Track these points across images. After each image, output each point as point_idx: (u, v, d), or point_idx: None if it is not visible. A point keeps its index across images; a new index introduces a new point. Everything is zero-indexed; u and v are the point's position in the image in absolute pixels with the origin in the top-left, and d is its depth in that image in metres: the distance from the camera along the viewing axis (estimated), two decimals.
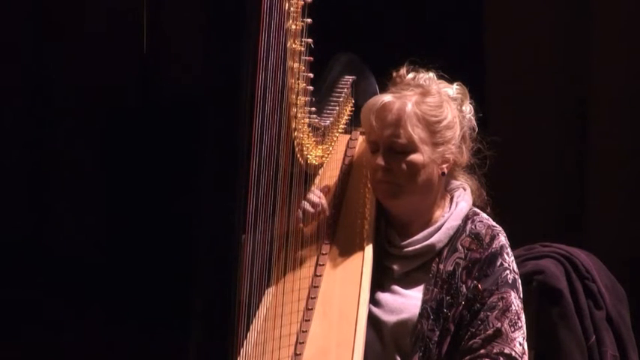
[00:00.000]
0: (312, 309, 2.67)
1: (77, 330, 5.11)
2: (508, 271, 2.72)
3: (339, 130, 2.95)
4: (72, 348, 4.98)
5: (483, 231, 2.77)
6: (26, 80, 5.66)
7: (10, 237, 5.61)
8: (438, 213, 2.81)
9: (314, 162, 2.83)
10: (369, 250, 2.74)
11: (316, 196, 2.79)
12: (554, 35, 4.79)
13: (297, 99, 2.66)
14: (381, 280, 2.75)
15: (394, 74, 2.84)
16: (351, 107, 2.97)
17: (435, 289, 2.71)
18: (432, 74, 2.82)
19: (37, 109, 5.69)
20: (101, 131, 5.66)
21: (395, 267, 2.76)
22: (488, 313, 2.67)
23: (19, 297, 5.34)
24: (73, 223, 5.68)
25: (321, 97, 2.83)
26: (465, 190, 2.84)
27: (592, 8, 4.71)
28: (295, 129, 2.68)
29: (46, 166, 5.69)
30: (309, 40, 2.63)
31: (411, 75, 2.81)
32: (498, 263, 2.72)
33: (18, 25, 5.60)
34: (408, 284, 2.75)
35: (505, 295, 2.69)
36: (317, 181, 2.89)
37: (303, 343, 2.61)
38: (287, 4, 2.52)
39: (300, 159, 2.74)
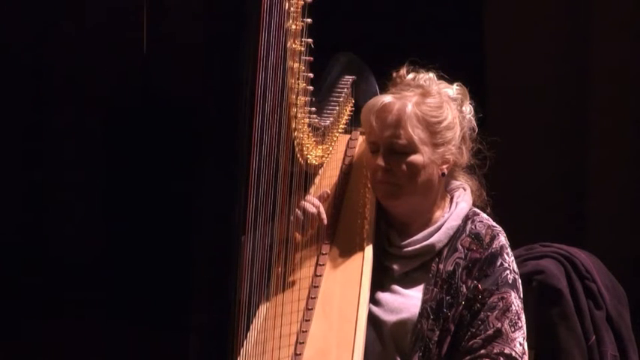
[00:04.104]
0: (312, 309, 2.67)
1: (77, 330, 5.11)
2: (508, 271, 2.72)
3: (339, 130, 2.95)
4: (72, 348, 4.98)
5: (483, 231, 2.77)
6: (26, 80, 5.65)
7: (9, 237, 5.60)
8: (438, 213, 2.81)
9: (314, 162, 2.83)
10: (369, 249, 2.74)
11: (314, 206, 2.76)
12: (554, 35, 4.79)
13: (297, 99, 2.66)
14: (381, 280, 2.75)
15: (394, 74, 2.84)
16: (351, 107, 2.97)
17: (435, 289, 2.71)
18: (432, 74, 2.82)
19: (37, 109, 5.69)
20: (101, 131, 5.66)
21: (395, 267, 2.76)
22: (489, 313, 2.67)
23: (19, 297, 5.34)
24: (73, 223, 5.68)
25: (321, 97, 2.83)
26: (465, 190, 2.83)
27: (592, 9, 4.71)
28: (295, 129, 2.68)
29: (46, 166, 5.69)
30: (309, 40, 2.63)
31: (411, 75, 2.81)
32: (498, 263, 2.72)
33: (19, 24, 5.60)
34: (407, 284, 2.75)
35: (505, 296, 2.69)
36: (317, 181, 2.89)
37: (303, 342, 2.61)
38: (287, 4, 2.52)
39: (300, 159, 2.74)
